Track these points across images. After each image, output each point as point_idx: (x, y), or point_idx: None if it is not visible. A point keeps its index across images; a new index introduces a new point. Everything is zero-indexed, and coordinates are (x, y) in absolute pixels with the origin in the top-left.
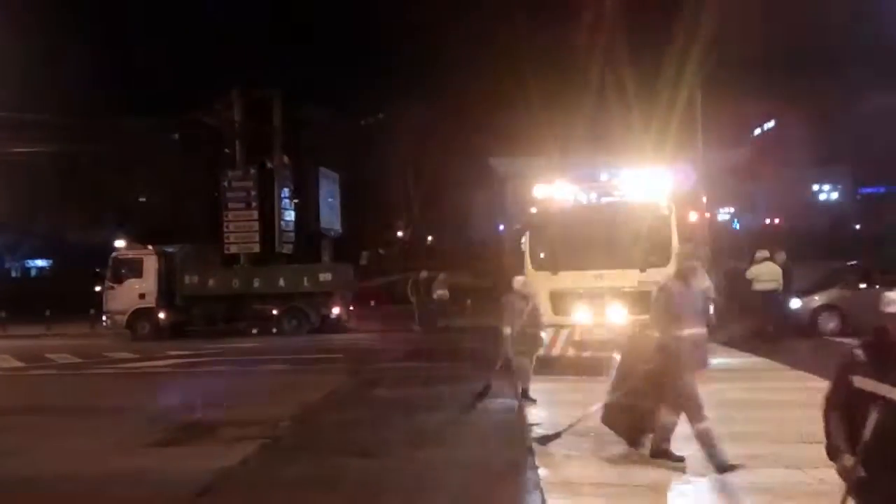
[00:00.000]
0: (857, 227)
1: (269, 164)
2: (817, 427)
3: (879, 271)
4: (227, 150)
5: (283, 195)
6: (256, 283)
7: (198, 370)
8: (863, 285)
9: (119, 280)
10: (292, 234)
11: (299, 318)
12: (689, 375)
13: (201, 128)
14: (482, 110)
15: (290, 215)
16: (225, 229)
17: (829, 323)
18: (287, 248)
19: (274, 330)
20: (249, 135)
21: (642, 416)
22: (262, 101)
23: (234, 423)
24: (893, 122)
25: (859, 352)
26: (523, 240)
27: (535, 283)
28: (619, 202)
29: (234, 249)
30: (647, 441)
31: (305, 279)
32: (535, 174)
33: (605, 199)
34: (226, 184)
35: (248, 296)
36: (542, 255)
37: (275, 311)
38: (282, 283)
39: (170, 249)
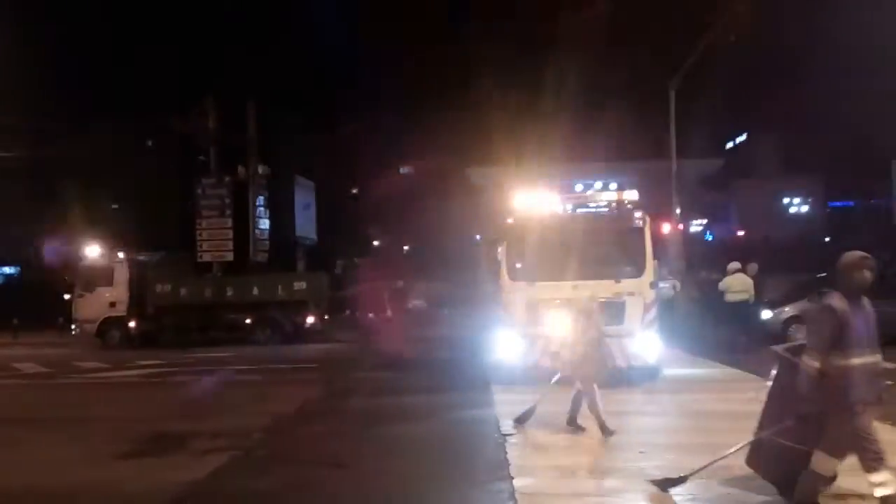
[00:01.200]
0: (827, 239)
1: (244, 172)
2: None
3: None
4: (201, 158)
5: (257, 203)
6: (229, 292)
7: (169, 380)
8: None
9: (89, 288)
10: (267, 243)
11: (273, 328)
12: (861, 414)
13: (175, 134)
14: (459, 120)
15: (264, 224)
16: (198, 237)
17: (799, 334)
18: (262, 257)
19: (248, 340)
20: (224, 142)
21: (798, 460)
22: (238, 108)
23: (205, 434)
24: (862, 138)
25: None
26: (500, 250)
27: (511, 293)
28: (594, 213)
29: (207, 258)
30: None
31: (279, 288)
32: (512, 184)
33: (580, 210)
34: (199, 191)
35: (221, 305)
36: (518, 266)
37: (248, 321)
38: (255, 291)
39: (141, 257)
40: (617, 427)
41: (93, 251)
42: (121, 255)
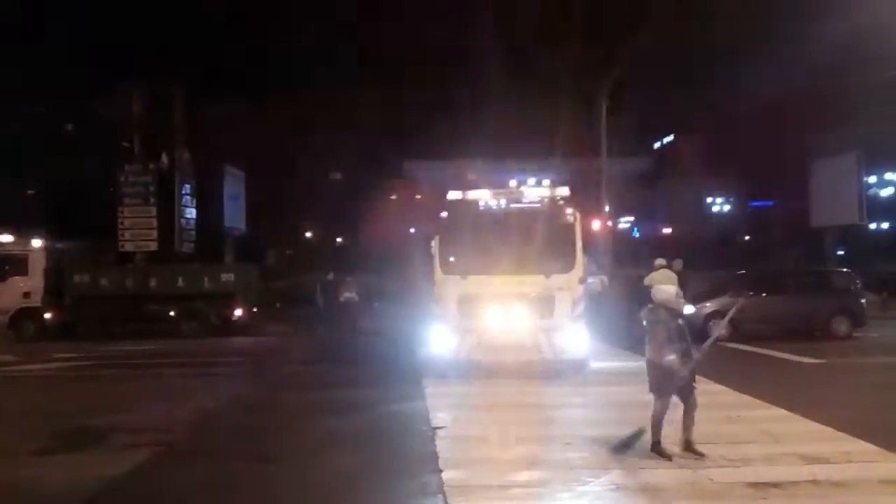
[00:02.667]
0: (747, 238)
1: (169, 159)
2: (708, 428)
3: (768, 279)
4: (125, 144)
5: (183, 191)
6: (153, 283)
7: (87, 374)
8: (751, 293)
9: (2, 277)
10: (193, 233)
11: (199, 320)
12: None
13: (98, 119)
14: (395, 113)
15: (191, 213)
16: (120, 226)
17: (716, 329)
18: (187, 247)
19: (172, 332)
20: (149, 128)
21: None
22: (164, 92)
23: (126, 429)
24: (782, 140)
25: None
26: (433, 243)
27: (444, 286)
28: (526, 209)
29: (129, 247)
30: None
31: (206, 279)
32: (446, 178)
33: (513, 206)
34: (122, 178)
35: (144, 296)
36: (450, 259)
37: (172, 313)
38: (180, 283)
39: (59, 246)
40: (545, 419)
41: (6, 239)
42: (36, 243)
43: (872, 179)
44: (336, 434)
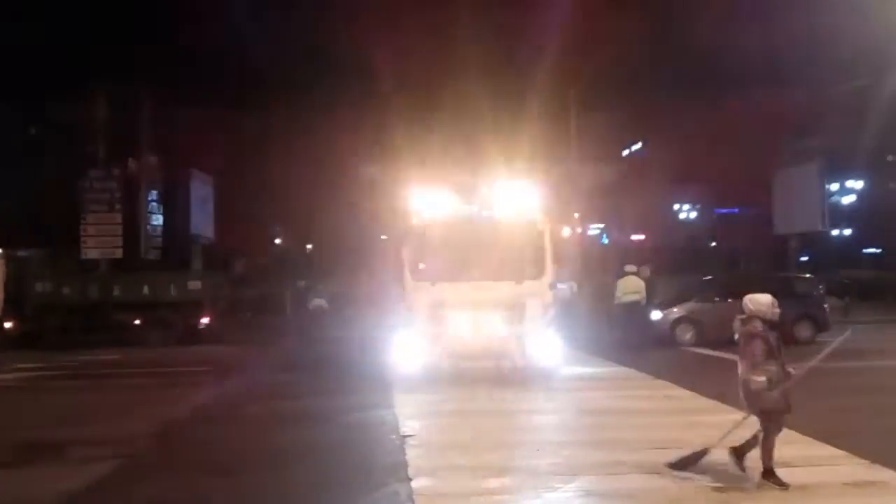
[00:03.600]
0: (713, 244)
1: (135, 165)
2: (676, 433)
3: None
4: (89, 148)
5: (150, 198)
6: (117, 291)
7: (48, 384)
8: (716, 299)
9: None
10: (160, 240)
11: (165, 329)
12: None
13: (62, 123)
14: (367, 117)
15: (157, 219)
16: (83, 233)
17: (686, 334)
18: (154, 255)
19: (138, 341)
20: (114, 132)
21: None
22: (130, 96)
23: (87, 441)
24: (748, 148)
25: None
26: (403, 251)
27: (413, 293)
28: (496, 215)
29: (93, 255)
30: None
31: (172, 287)
32: (417, 185)
33: (484, 212)
34: (86, 184)
35: (109, 304)
36: (420, 266)
37: (137, 322)
38: (146, 291)
39: (20, 253)
40: (515, 426)
41: None
42: None
43: (835, 187)
44: (303, 444)
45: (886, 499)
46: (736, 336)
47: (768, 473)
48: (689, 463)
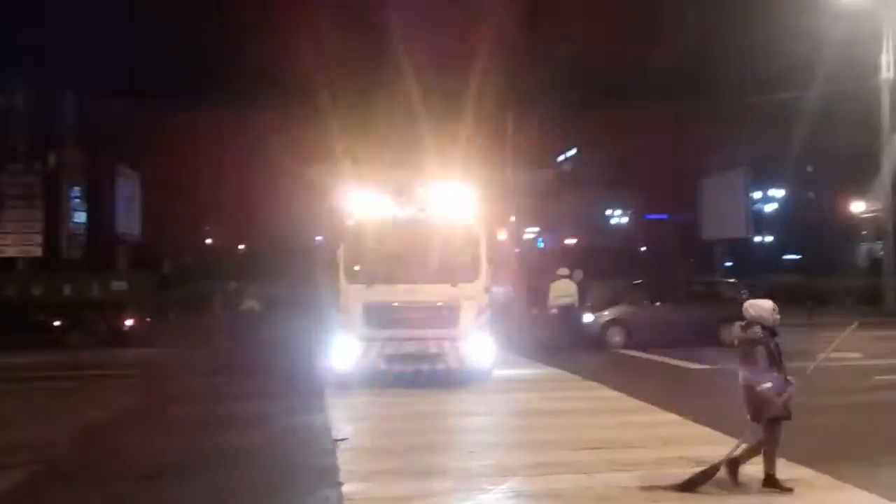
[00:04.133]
0: (643, 249)
1: (57, 159)
2: (605, 434)
3: (661, 289)
4: (8, 142)
5: (72, 194)
6: (37, 291)
7: None
8: (645, 302)
9: None
10: (83, 238)
11: (87, 330)
12: None
13: None
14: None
15: (80, 217)
16: (0, 229)
17: (616, 336)
18: (76, 253)
19: (58, 343)
20: (36, 126)
21: None
22: (54, 88)
23: (1, 447)
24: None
25: None
26: (338, 252)
27: (348, 295)
28: (432, 218)
29: (11, 252)
30: None
31: (95, 287)
32: (353, 186)
33: (420, 215)
34: (4, 178)
35: (27, 304)
36: (356, 268)
37: (58, 323)
38: (67, 291)
39: None
40: (448, 428)
41: None
42: None
43: (758, 195)
44: (231, 448)
45: (807, 496)
46: (735, 342)
47: (770, 480)
48: (697, 483)
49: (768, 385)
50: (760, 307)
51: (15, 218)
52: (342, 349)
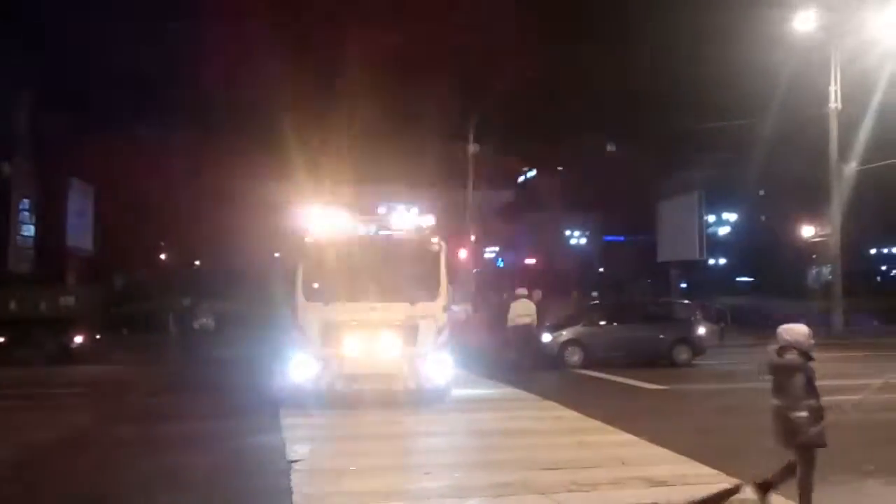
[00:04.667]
0: (601, 270)
1: (5, 170)
2: (562, 454)
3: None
4: None
5: (21, 206)
6: None
7: None
8: (602, 322)
9: None
10: (31, 252)
11: (33, 347)
12: None
13: None
14: (260, 134)
15: (28, 230)
16: None
17: (574, 356)
18: (24, 267)
19: (2, 360)
20: None
21: None
22: (5, 99)
23: None
24: (634, 178)
25: None
26: (296, 269)
27: (306, 313)
28: (393, 236)
29: None
30: None
31: (42, 303)
32: (312, 202)
33: (379, 233)
34: None
35: None
36: (314, 286)
37: (2, 339)
38: (13, 306)
39: None
40: (405, 449)
41: None
42: None
43: (712, 218)
44: (180, 470)
45: None
46: (767, 368)
47: None
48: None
49: (803, 415)
50: (796, 332)
51: None
52: (299, 367)
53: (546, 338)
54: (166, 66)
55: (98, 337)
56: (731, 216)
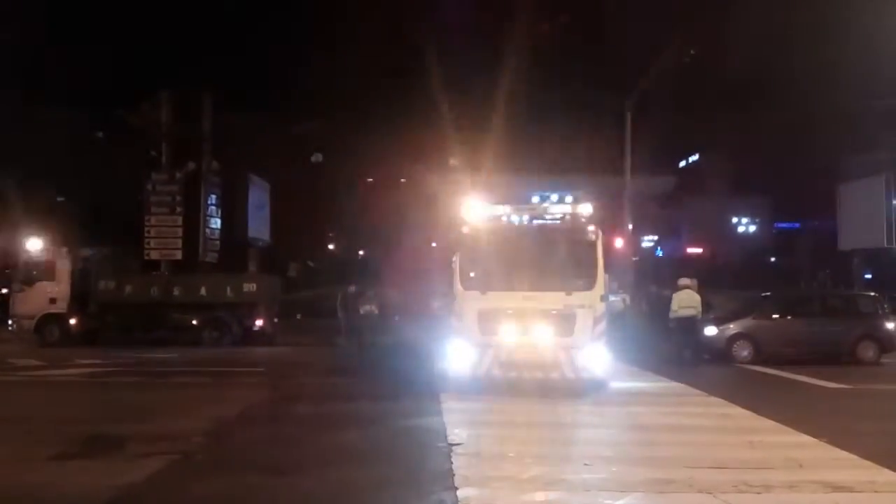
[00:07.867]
0: (773, 259)
1: (195, 169)
2: (729, 453)
3: (793, 302)
4: (152, 153)
5: (209, 202)
6: (176, 292)
7: (108, 380)
8: (775, 316)
9: (29, 282)
10: (217, 243)
11: (220, 330)
12: None
13: (126, 127)
14: (417, 125)
15: (215, 223)
16: (146, 234)
17: (743, 351)
18: (211, 257)
19: (194, 341)
20: (177, 137)
21: None
22: (193, 102)
23: (143, 437)
24: (809, 161)
25: None
26: (454, 258)
27: (463, 302)
28: (548, 225)
29: (155, 256)
30: None
31: (228, 289)
32: (469, 193)
33: (535, 222)
34: (150, 187)
35: (167, 304)
36: (471, 275)
37: (195, 322)
38: (203, 292)
39: (86, 253)
40: (563, 438)
41: (34, 245)
42: (63, 249)
43: None
44: (351, 447)
45: None
46: None
47: None
48: None
49: None
50: None
51: (158, 223)
52: (457, 354)
53: (711, 331)
54: (336, 61)
55: (276, 321)
56: None
